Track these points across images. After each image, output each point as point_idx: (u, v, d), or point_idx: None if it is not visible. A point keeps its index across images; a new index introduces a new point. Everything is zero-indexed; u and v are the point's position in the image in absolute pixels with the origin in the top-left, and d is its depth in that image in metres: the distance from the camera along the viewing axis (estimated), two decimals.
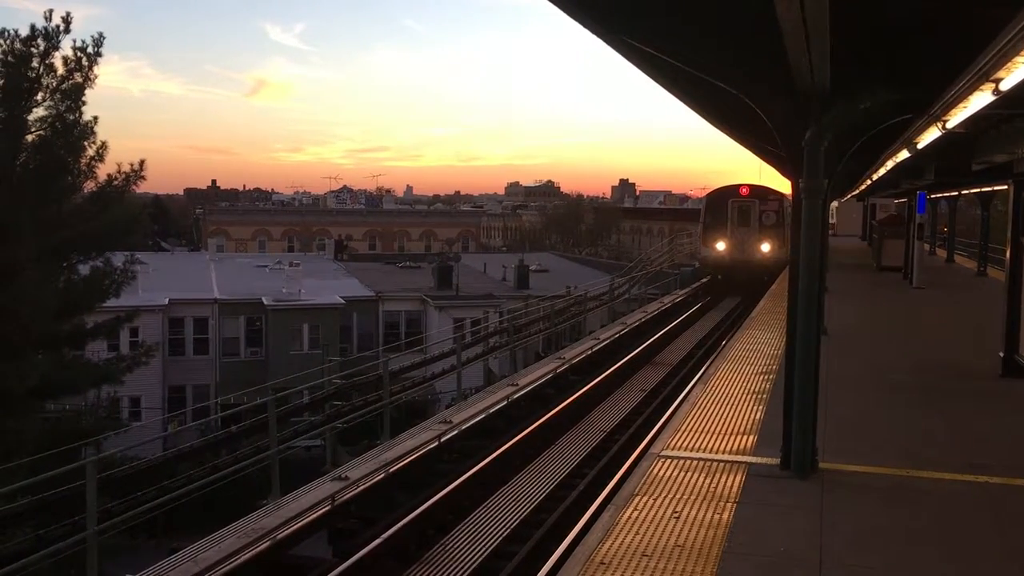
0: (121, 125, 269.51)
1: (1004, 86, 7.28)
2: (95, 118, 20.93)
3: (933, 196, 29.97)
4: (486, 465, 11.69)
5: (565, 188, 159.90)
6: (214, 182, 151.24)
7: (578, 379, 17.28)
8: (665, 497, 7.36)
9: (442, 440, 12.53)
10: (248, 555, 8.58)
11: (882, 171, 21.23)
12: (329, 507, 9.89)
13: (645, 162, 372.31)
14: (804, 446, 7.91)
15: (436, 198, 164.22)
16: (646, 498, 7.33)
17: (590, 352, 19.56)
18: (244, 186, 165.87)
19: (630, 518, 6.87)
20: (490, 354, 23.73)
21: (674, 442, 9.05)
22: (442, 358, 24.45)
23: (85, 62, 20.51)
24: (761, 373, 12.51)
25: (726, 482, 7.74)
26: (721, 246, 31.90)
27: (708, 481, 7.77)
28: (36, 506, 11.29)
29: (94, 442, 15.83)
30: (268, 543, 8.89)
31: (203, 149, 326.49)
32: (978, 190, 25.69)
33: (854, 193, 38.60)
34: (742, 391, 11.38)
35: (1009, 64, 6.66)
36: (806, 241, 7.81)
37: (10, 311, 17.82)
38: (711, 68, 7.51)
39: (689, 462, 8.33)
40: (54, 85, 20.20)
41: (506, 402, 14.79)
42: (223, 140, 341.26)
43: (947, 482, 7.82)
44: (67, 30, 20.28)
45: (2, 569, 8.69)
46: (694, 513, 6.97)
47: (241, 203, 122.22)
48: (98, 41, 20.76)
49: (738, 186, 32.51)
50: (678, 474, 7.99)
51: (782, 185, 31.81)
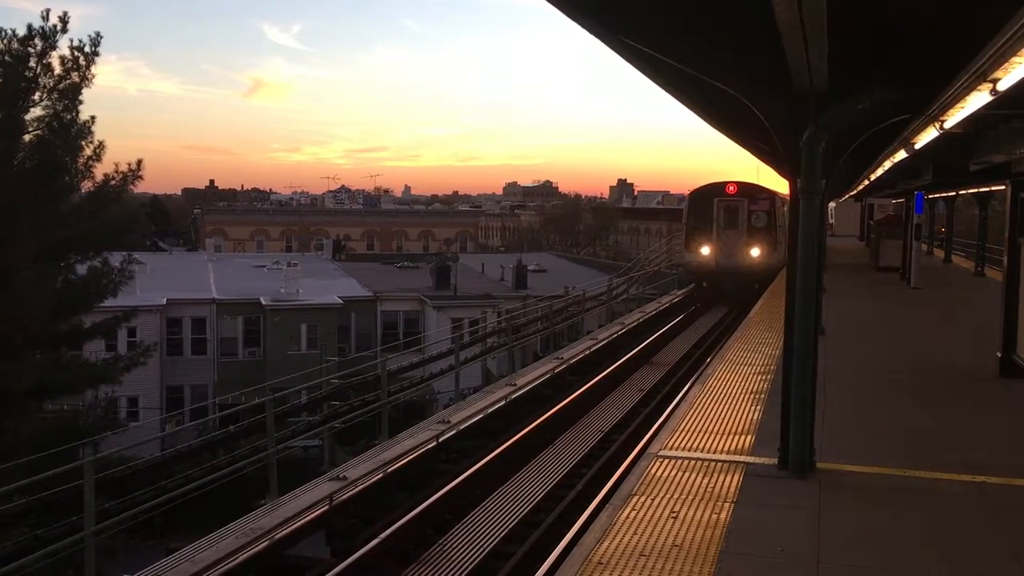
0: (118, 125, 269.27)
1: (1002, 86, 7.29)
2: (92, 118, 20.92)
3: (931, 196, 30.01)
4: (484, 465, 11.69)
5: (563, 188, 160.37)
6: (212, 182, 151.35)
7: (576, 379, 17.28)
8: (663, 497, 7.37)
9: (440, 440, 12.54)
10: (246, 555, 8.59)
11: (880, 171, 21.27)
12: (327, 507, 9.89)
13: (643, 162, 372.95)
14: (802, 446, 7.93)
15: (434, 198, 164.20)
16: (644, 498, 7.34)
17: (588, 352, 19.57)
18: (242, 186, 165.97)
19: (628, 518, 6.88)
20: (488, 354, 23.74)
21: (672, 442, 9.06)
22: (440, 358, 24.47)
23: (82, 62, 20.48)
24: (759, 373, 12.52)
25: (724, 482, 7.75)
26: (706, 251, 28.61)
27: (706, 481, 7.77)
28: (34, 506, 11.27)
29: (92, 442, 15.78)
30: (266, 543, 8.89)
31: (201, 149, 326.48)
32: (976, 190, 25.75)
33: (852, 193, 38.68)
34: (740, 391, 11.39)
35: (1007, 64, 6.67)
36: (804, 241, 7.82)
37: (8, 311, 17.80)
38: (709, 68, 7.53)
39: (687, 462, 8.34)
40: (51, 85, 20.16)
41: (504, 402, 14.79)
42: (221, 140, 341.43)
43: (945, 482, 7.83)
44: (64, 30, 20.24)
45: (1, 569, 8.68)
46: (692, 513, 6.97)
47: (239, 203, 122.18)
48: (95, 41, 20.72)
49: (725, 183, 28.92)
50: (676, 474, 7.99)
51: (779, 185, 30.04)
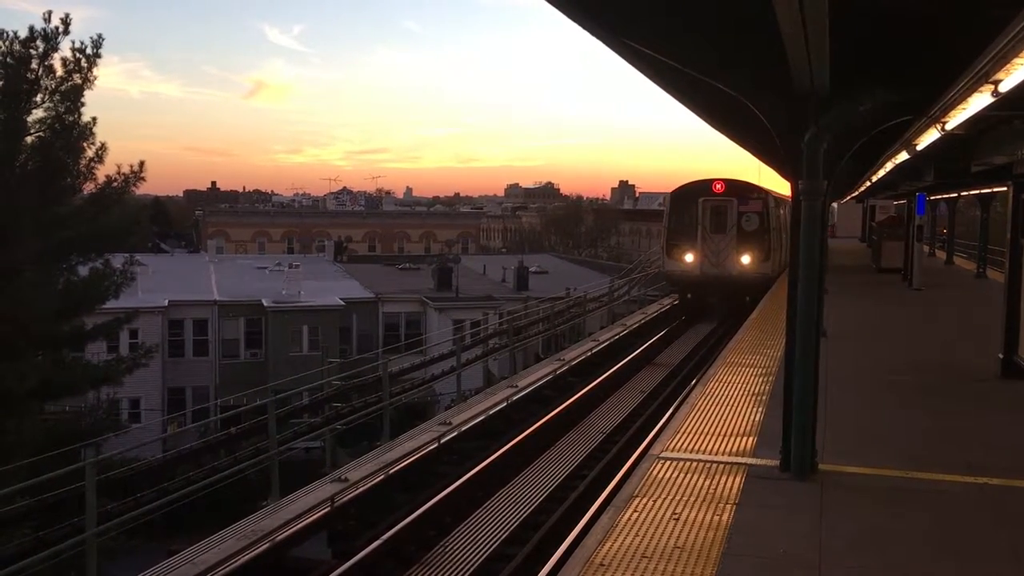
0: (120, 127, 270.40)
1: (1003, 87, 7.28)
2: (94, 119, 21.00)
3: (932, 198, 29.96)
4: (486, 467, 11.69)
5: (564, 190, 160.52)
6: (214, 183, 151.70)
7: (578, 381, 17.28)
8: (665, 499, 7.36)
9: (442, 441, 12.53)
10: (247, 557, 8.59)
11: (881, 172, 21.25)
12: (329, 508, 9.89)
13: (645, 164, 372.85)
14: (803, 447, 7.91)
15: (436, 200, 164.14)
16: (646, 500, 7.33)
17: (590, 354, 19.57)
18: (244, 188, 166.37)
19: (630, 519, 6.87)
20: (490, 356, 23.74)
21: (674, 444, 9.05)
22: (442, 359, 24.47)
23: (84, 63, 20.54)
24: (760, 374, 12.51)
25: (726, 483, 7.74)
26: (690, 258, 25.20)
27: (708, 482, 7.77)
28: (36, 507, 11.29)
29: (94, 444, 15.81)
30: (267, 545, 8.89)
31: (203, 151, 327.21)
32: (977, 192, 25.70)
33: (854, 195, 38.65)
34: (742, 392, 11.38)
35: (1008, 66, 6.66)
36: (806, 243, 7.81)
37: (10, 312, 17.82)
38: (710, 69, 7.52)
39: (689, 464, 8.33)
40: (53, 86, 20.22)
41: (506, 404, 14.79)
42: (222, 142, 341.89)
43: (946, 483, 7.81)
44: (66, 31, 20.32)
45: (2, 570, 8.68)
46: (694, 514, 6.97)
47: (241, 204, 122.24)
48: (97, 43, 20.79)
49: (711, 181, 25.41)
50: (678, 476, 7.99)
51: (779, 186, 29.22)
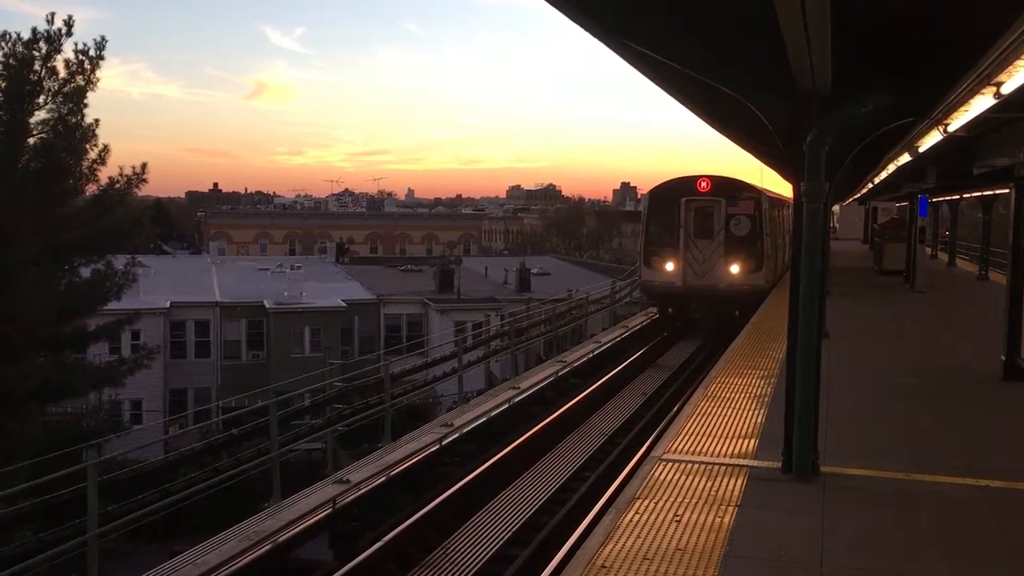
0: (122, 128, 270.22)
1: (1005, 90, 7.27)
2: (96, 121, 21.02)
3: (935, 200, 29.97)
4: (487, 468, 11.69)
5: (566, 191, 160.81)
6: (216, 185, 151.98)
7: (579, 382, 17.28)
8: (666, 501, 7.35)
9: (443, 443, 12.54)
10: (249, 558, 8.60)
11: (884, 174, 21.23)
12: (330, 510, 9.90)
13: (647, 165, 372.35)
14: (805, 449, 7.90)
15: (437, 201, 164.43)
16: (647, 501, 7.32)
17: (591, 355, 19.57)
18: (246, 189, 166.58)
19: (631, 521, 6.87)
20: (491, 357, 23.73)
21: (675, 445, 9.04)
22: (443, 361, 24.46)
23: (87, 65, 20.57)
24: (762, 376, 12.50)
25: (727, 485, 7.73)
26: (670, 266, 21.86)
27: (709, 484, 7.76)
28: (37, 508, 11.28)
29: (95, 445, 15.81)
30: (269, 546, 8.89)
31: (204, 152, 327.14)
32: (980, 194, 25.70)
33: (856, 196, 38.61)
34: (743, 394, 11.37)
35: (1010, 68, 6.66)
36: (808, 245, 7.81)
37: (11, 313, 17.84)
38: (711, 70, 7.52)
39: (690, 465, 8.32)
40: (56, 88, 20.24)
41: (507, 405, 14.79)
42: (224, 143, 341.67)
43: (948, 486, 7.80)
44: (69, 33, 20.34)
45: (4, 572, 8.68)
46: (695, 516, 6.96)
47: (243, 206, 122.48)
48: (100, 44, 20.83)
49: (695, 178, 21.85)
50: (679, 477, 7.98)
51: (780, 186, 28.53)
